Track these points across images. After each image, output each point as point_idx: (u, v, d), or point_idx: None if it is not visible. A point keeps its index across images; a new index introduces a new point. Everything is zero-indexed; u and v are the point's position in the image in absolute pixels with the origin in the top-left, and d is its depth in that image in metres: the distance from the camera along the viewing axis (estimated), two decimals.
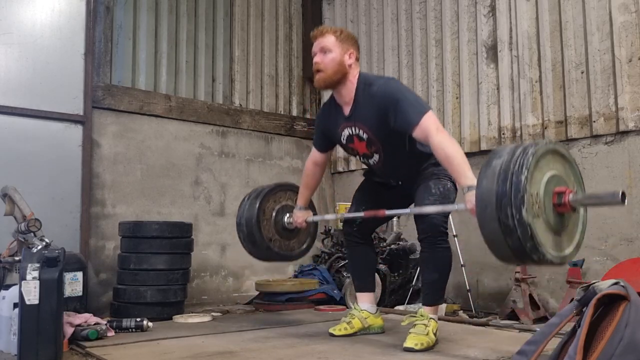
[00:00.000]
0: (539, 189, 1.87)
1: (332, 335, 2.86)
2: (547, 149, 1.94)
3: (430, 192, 2.62)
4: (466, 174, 2.35)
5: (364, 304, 2.97)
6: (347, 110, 2.70)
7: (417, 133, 2.46)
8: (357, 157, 2.85)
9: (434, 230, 2.62)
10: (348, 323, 2.90)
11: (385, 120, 2.54)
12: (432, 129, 2.41)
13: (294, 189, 3.22)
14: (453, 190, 2.68)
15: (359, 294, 3.02)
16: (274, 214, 3.15)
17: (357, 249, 3.02)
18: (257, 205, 3.05)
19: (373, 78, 2.71)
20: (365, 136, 2.67)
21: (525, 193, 1.78)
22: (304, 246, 3.31)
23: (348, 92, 2.67)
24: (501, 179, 1.83)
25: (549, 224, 1.88)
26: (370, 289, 3.03)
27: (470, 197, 2.11)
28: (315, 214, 3.20)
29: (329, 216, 3.17)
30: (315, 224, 3.33)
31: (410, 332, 2.56)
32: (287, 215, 3.15)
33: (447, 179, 2.66)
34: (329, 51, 2.64)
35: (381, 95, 2.56)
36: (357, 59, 2.73)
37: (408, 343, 2.49)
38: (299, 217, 3.04)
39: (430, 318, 2.60)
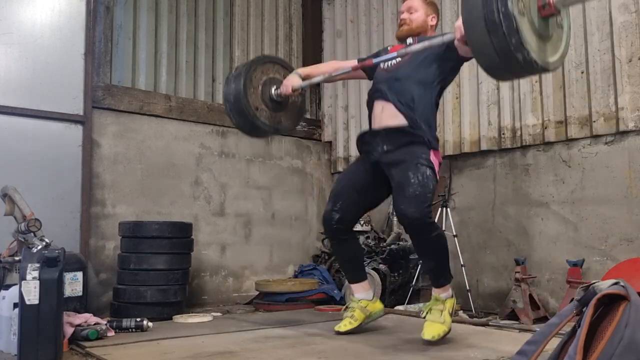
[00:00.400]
0: None
1: (338, 333, 2.88)
2: None
3: (409, 183, 2.60)
4: None
5: (360, 293, 3.00)
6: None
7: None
8: (381, 62, 2.91)
9: (414, 224, 2.58)
10: (351, 317, 2.92)
11: (437, 48, 2.68)
12: None
13: (282, 64, 3.25)
14: (432, 178, 2.66)
15: (352, 285, 3.04)
16: (261, 83, 3.12)
17: (342, 246, 3.01)
18: (245, 74, 3.03)
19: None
20: (410, 42, 2.88)
21: None
22: (292, 120, 3.29)
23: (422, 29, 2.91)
24: None
25: (534, 25, 1.90)
26: (362, 278, 3.05)
27: (458, 24, 2.23)
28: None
29: (317, 79, 3.18)
30: (304, 100, 3.34)
31: (426, 320, 2.64)
32: (275, 87, 3.13)
33: (426, 166, 2.65)
34: (415, 10, 2.92)
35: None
36: (435, 25, 2.98)
37: (426, 335, 2.57)
38: (290, 80, 3.08)
39: (444, 300, 2.68)
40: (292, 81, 3.05)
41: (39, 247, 2.48)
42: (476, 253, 4.22)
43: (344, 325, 2.89)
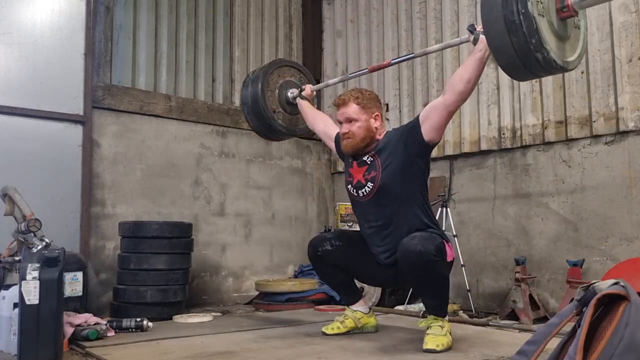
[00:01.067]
0: None
1: (324, 334, 2.88)
2: None
3: (412, 236, 2.49)
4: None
5: (357, 306, 2.98)
6: (374, 149, 2.74)
7: (425, 110, 2.57)
8: (349, 187, 2.79)
9: (422, 257, 2.41)
10: (341, 322, 2.92)
11: (397, 140, 2.63)
12: (439, 99, 2.56)
13: (298, 67, 3.33)
14: (440, 239, 2.55)
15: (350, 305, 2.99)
16: (278, 86, 3.21)
17: (329, 270, 2.91)
18: (262, 77, 3.11)
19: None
20: (369, 160, 2.71)
21: None
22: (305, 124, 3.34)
23: (374, 139, 2.75)
24: None
25: (553, 26, 1.94)
26: (358, 298, 2.99)
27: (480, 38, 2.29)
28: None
29: (332, 80, 3.37)
30: (317, 100, 3.43)
31: (428, 334, 2.53)
32: (291, 90, 3.22)
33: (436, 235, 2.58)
34: (355, 120, 2.69)
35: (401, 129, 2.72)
36: (382, 119, 2.79)
37: (429, 345, 2.45)
38: (307, 87, 3.24)
39: (443, 319, 2.59)
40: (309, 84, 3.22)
41: (39, 247, 2.48)
42: (476, 253, 4.22)
43: (332, 328, 2.89)
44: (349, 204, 3.10)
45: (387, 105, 4.91)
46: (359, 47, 5.24)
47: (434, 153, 4.47)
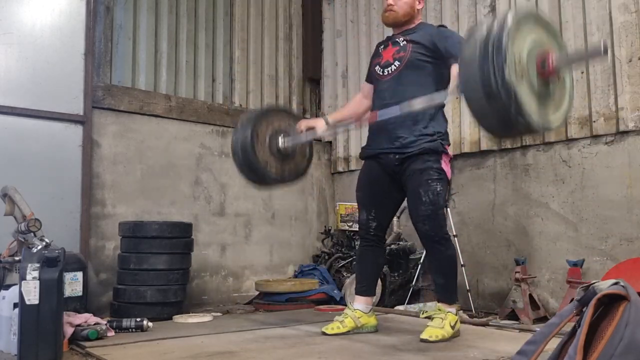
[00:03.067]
0: (521, 50, 1.85)
1: (324, 334, 2.89)
2: (527, 12, 1.95)
3: (420, 201, 2.75)
4: None
5: (359, 304, 2.99)
6: (408, 31, 2.94)
7: (455, 64, 2.62)
8: (377, 68, 2.96)
9: (430, 241, 2.79)
10: (341, 322, 2.93)
11: (431, 37, 2.81)
12: None
13: (285, 111, 3.28)
14: (442, 192, 2.77)
15: (357, 296, 3.03)
16: (267, 137, 3.12)
17: (370, 253, 3.04)
18: (251, 129, 3.03)
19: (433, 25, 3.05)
20: (402, 42, 2.90)
21: (507, 52, 1.77)
22: (301, 168, 3.29)
23: (411, 21, 2.94)
24: (482, 43, 1.82)
25: (533, 88, 1.87)
26: (371, 294, 3.05)
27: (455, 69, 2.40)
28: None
29: (344, 123, 3.24)
30: (311, 147, 3.34)
31: (427, 325, 2.71)
32: (281, 137, 3.12)
33: (436, 181, 2.75)
34: None
35: (435, 28, 2.91)
36: (421, 9, 2.99)
37: (424, 335, 2.64)
38: (314, 122, 3.11)
39: (448, 312, 2.75)
40: (318, 123, 3.08)
41: (39, 247, 2.48)
42: (476, 253, 4.22)
43: (331, 328, 2.91)
44: (349, 204, 3.13)
45: None
46: (359, 47, 5.24)
47: None
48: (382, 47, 3.04)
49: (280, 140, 3.11)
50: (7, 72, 3.71)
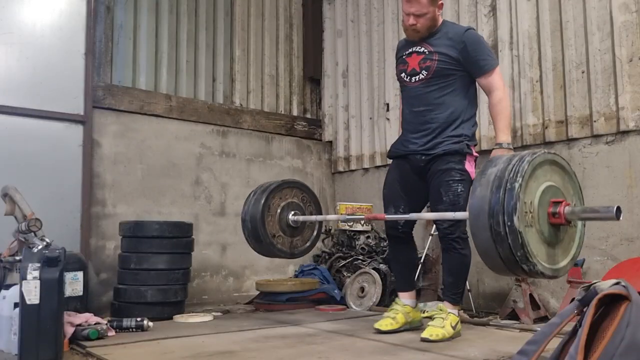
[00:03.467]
0: (533, 198, 1.86)
1: (378, 330, 2.91)
2: (544, 159, 1.94)
3: (441, 201, 2.83)
4: (504, 132, 2.75)
5: (406, 299, 3.05)
6: (431, 37, 2.97)
7: (484, 79, 2.82)
8: (403, 75, 3.01)
9: (446, 238, 2.87)
10: (393, 318, 2.97)
11: (455, 47, 2.86)
12: (500, 83, 2.83)
13: (300, 187, 3.30)
14: (464, 196, 2.81)
15: (401, 293, 3.10)
16: (279, 210, 3.19)
17: (402, 250, 3.11)
18: (263, 202, 3.10)
19: (455, 24, 3.16)
20: (425, 51, 2.93)
21: (519, 201, 1.78)
22: (308, 244, 3.36)
23: (434, 26, 2.96)
24: (495, 185, 1.83)
25: (542, 235, 1.87)
26: (412, 287, 3.14)
27: (495, 152, 2.56)
28: (318, 213, 3.32)
29: (331, 217, 3.36)
30: (320, 222, 3.39)
31: (428, 325, 2.75)
32: (292, 212, 3.20)
33: (457, 182, 2.81)
34: (425, 14, 2.87)
35: (461, 31, 2.91)
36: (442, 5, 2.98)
37: (425, 334, 2.68)
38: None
39: (449, 312, 2.78)
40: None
41: (40, 247, 2.48)
42: (477, 253, 4.21)
43: (386, 324, 2.93)
44: (350, 203, 3.15)
45: (388, 105, 4.91)
46: (359, 46, 5.24)
47: None
48: (405, 53, 3.04)
49: (291, 216, 3.21)
50: (8, 72, 3.71)
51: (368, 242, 4.59)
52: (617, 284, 1.46)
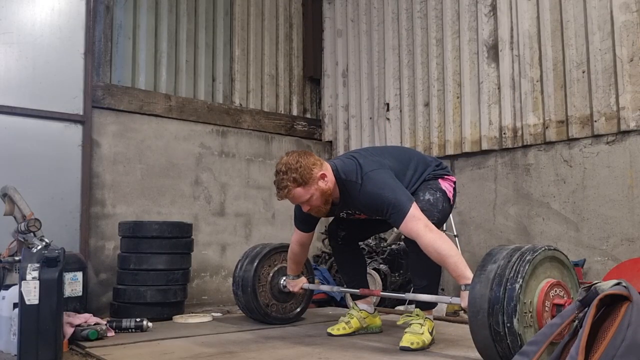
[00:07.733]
0: (533, 297, 1.88)
1: (330, 335, 2.89)
2: (545, 256, 1.96)
3: (418, 200, 2.60)
4: (464, 273, 2.29)
5: (362, 305, 3.01)
6: (337, 201, 2.73)
7: (404, 232, 2.47)
8: (342, 214, 2.90)
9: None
10: (347, 323, 2.94)
11: (370, 211, 2.64)
12: (420, 229, 2.38)
13: (287, 250, 3.24)
14: (442, 199, 2.68)
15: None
16: (269, 278, 3.27)
17: (344, 254, 3.09)
18: (253, 272, 3.18)
19: (346, 171, 2.63)
20: (349, 211, 2.81)
21: (519, 302, 1.80)
22: (300, 308, 3.43)
23: (334, 195, 2.68)
24: (495, 284, 1.85)
25: None
26: (364, 285, 3.09)
27: (466, 296, 2.09)
28: (309, 277, 3.33)
29: (325, 287, 3.41)
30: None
31: (406, 332, 2.60)
32: (283, 278, 3.26)
33: (435, 191, 2.69)
34: (309, 199, 2.58)
35: (366, 198, 2.55)
36: (322, 164, 2.63)
37: (404, 342, 2.53)
38: (295, 285, 3.15)
39: (426, 318, 2.66)
40: (299, 283, 3.17)
41: (39, 247, 2.48)
42: (477, 253, 4.21)
43: (337, 329, 2.92)
44: None
45: (388, 105, 4.90)
46: (359, 46, 5.23)
47: (435, 153, 4.47)
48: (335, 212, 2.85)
49: (282, 281, 3.26)
50: (7, 72, 3.71)
51: (368, 242, 4.58)
52: (618, 284, 1.45)
